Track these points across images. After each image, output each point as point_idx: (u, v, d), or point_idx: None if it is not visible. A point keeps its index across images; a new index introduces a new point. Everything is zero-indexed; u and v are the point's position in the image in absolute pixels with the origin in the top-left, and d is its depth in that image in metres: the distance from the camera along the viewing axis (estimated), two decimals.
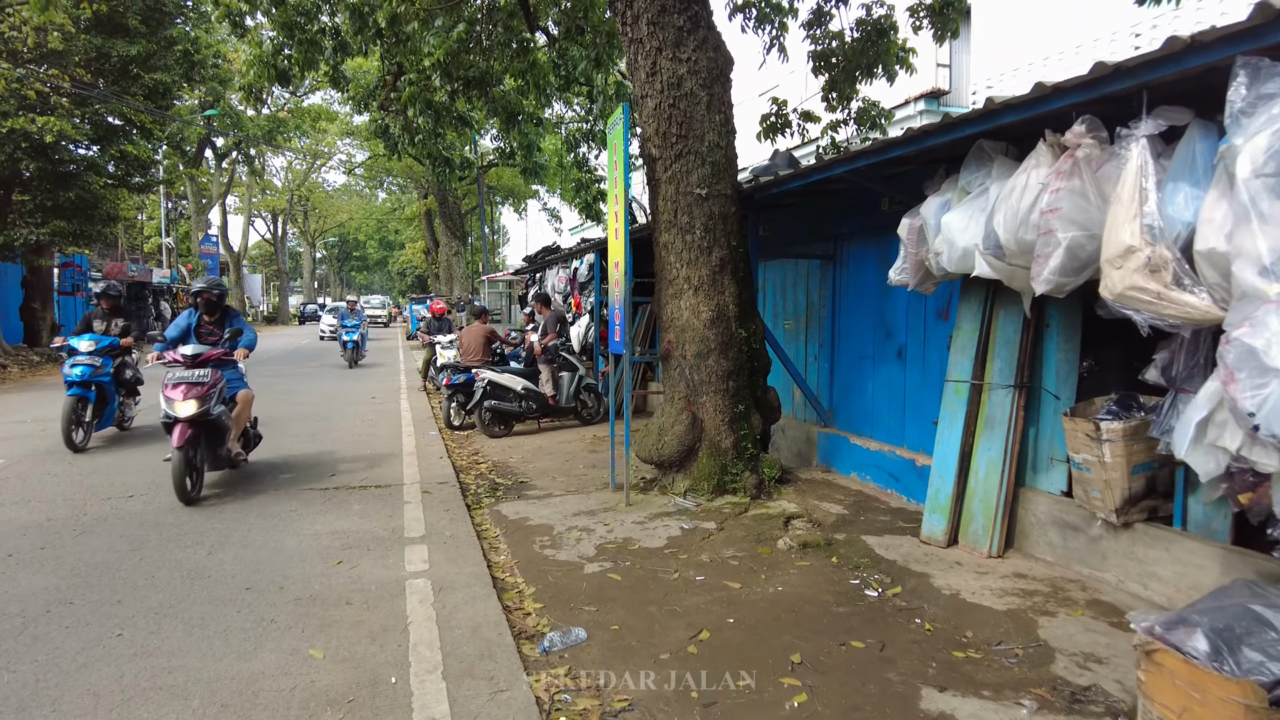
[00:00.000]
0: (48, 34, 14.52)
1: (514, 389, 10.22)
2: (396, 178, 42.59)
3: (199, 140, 37.43)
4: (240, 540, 5.41)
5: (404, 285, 73.91)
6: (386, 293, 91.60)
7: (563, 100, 14.89)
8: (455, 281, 34.38)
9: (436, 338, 14.18)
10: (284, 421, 10.83)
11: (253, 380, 16.56)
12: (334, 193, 64.94)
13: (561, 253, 14.67)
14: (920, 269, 5.10)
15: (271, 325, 54.70)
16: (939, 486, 5.29)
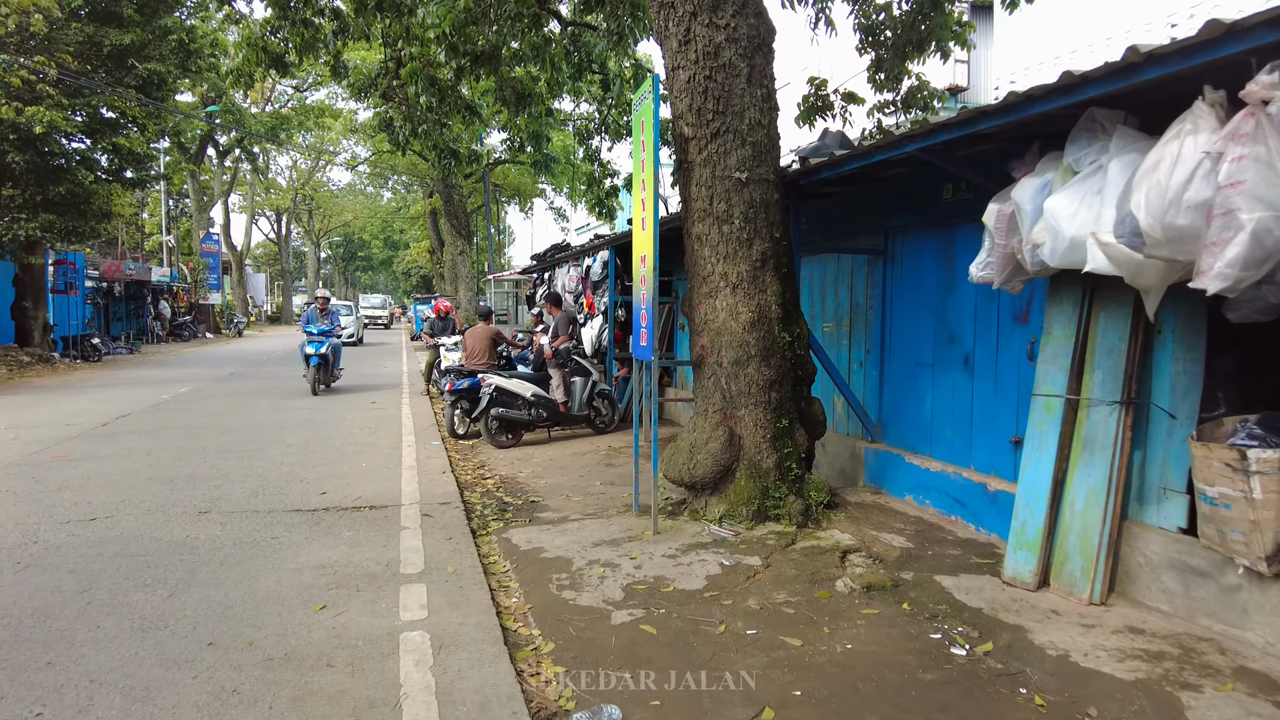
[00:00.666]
0: (30, 18, 13.81)
1: (522, 395, 9.46)
2: (401, 175, 41.88)
3: (201, 137, 36.81)
4: (209, 578, 4.64)
5: (409, 285, 73.43)
6: (391, 292, 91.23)
7: (573, 92, 14.13)
8: (460, 281, 33.64)
9: (440, 339, 13.43)
10: (277, 429, 10.09)
11: (252, 384, 15.89)
12: (339, 192, 64.40)
13: (572, 250, 13.91)
14: (1009, 263, 4.32)
15: (275, 325, 54.08)
16: (1026, 519, 4.50)
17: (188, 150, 37.00)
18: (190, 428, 10.21)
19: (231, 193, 45.91)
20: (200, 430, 10.03)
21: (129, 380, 16.37)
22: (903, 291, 6.40)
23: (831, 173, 5.62)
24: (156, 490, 6.78)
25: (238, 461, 8.07)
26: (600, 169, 13.87)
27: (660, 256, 11.23)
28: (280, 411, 11.93)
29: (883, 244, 6.59)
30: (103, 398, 13.23)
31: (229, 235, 45.48)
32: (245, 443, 9.15)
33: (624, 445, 9.38)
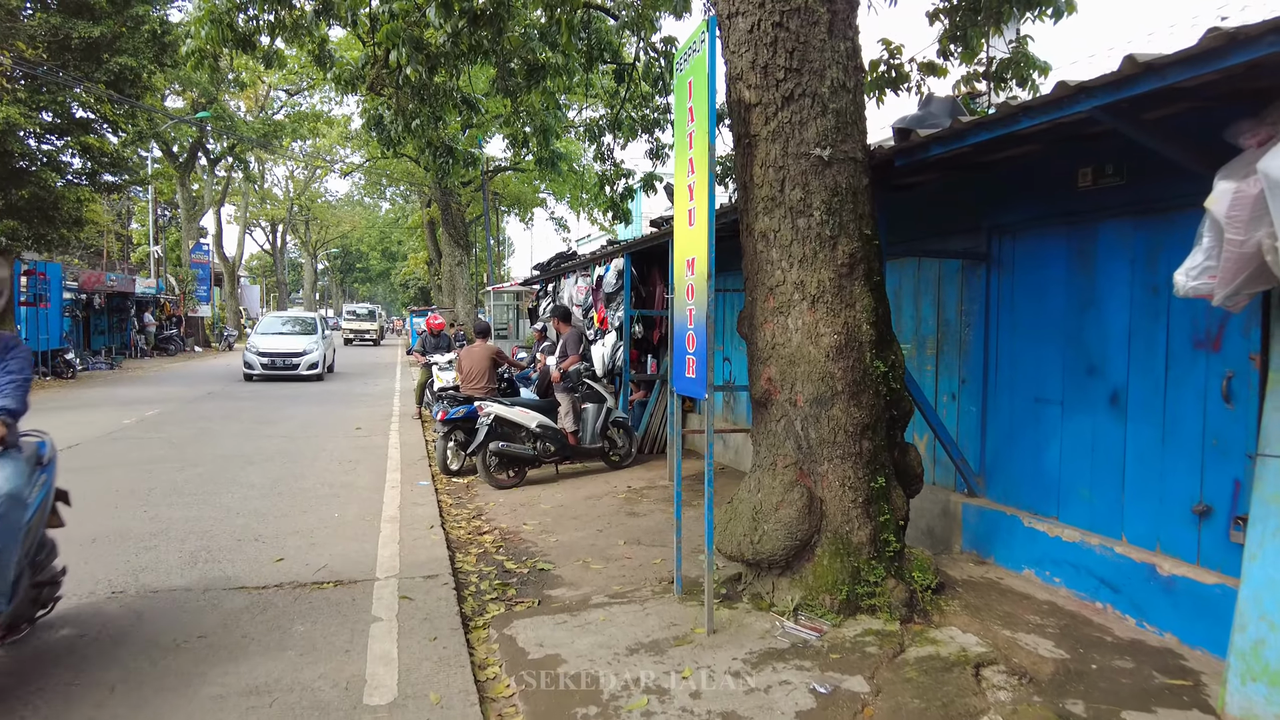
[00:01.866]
0: None
1: (526, 426, 8.09)
2: (398, 182, 40.63)
3: (191, 144, 35.57)
4: None
5: (406, 297, 72.19)
6: (389, 304, 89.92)
7: (583, 84, 12.85)
8: (458, 293, 32.32)
9: (433, 357, 12.06)
10: (244, 463, 8.71)
11: (228, 405, 14.51)
12: (336, 203, 63.29)
13: (581, 259, 12.57)
14: (1245, 267, 2.97)
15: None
16: (1264, 634, 3.13)
17: (177, 158, 35.76)
18: (142, 462, 8.83)
19: (225, 203, 44.61)
20: (154, 466, 8.65)
21: (95, 400, 14.99)
22: (1015, 306, 5.05)
23: (945, 149, 4.26)
24: (67, 556, 5.39)
25: (185, 510, 6.69)
26: (613, 169, 12.59)
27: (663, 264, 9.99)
28: (253, 439, 10.55)
29: (985, 246, 5.24)
30: (56, 424, 11.82)
31: (221, 246, 44.18)
32: (202, 483, 7.78)
33: (645, 485, 8.01)
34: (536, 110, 10.88)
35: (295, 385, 18.52)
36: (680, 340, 4.53)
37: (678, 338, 4.59)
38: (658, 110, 12.19)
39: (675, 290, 4.64)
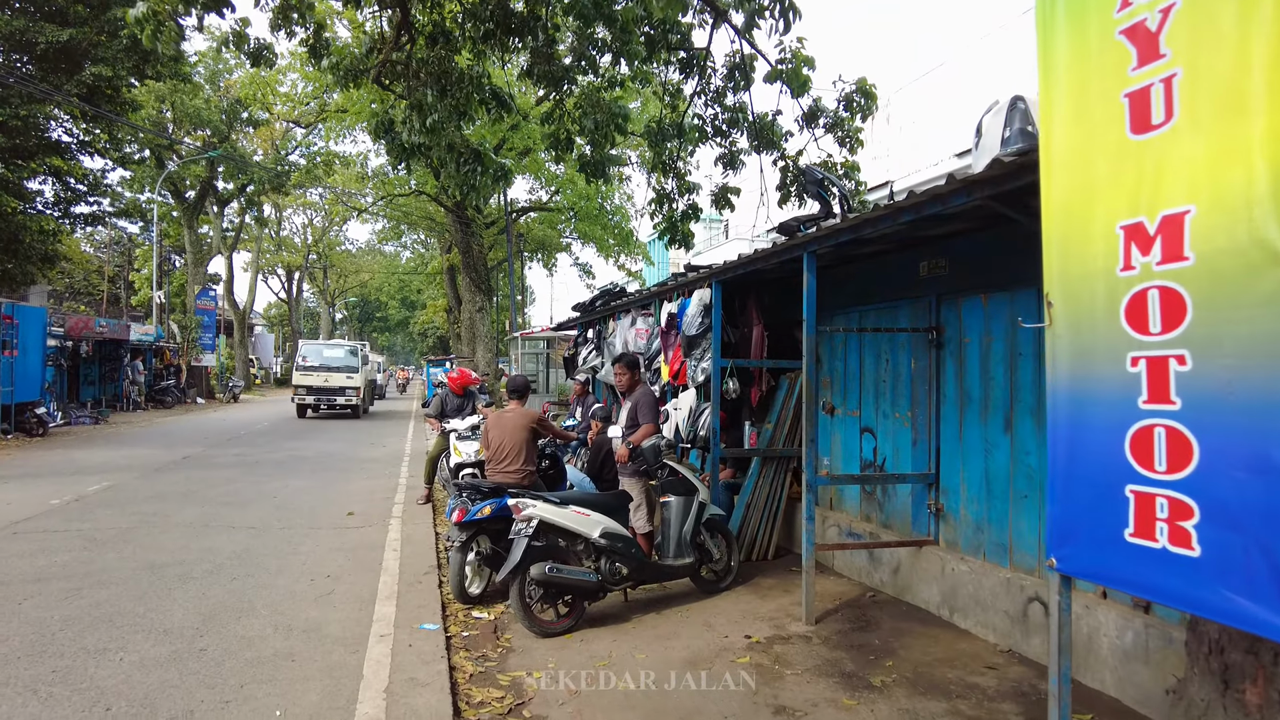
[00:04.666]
0: None
1: (586, 536, 5.33)
2: (417, 226, 38.56)
3: (200, 184, 33.76)
4: None
5: (424, 346, 70.24)
6: (408, 354, 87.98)
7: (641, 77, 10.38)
8: (479, 341, 29.80)
9: (451, 423, 9.33)
10: (176, 580, 5.97)
11: (199, 475, 11.82)
12: (356, 252, 61.75)
13: (639, 295, 9.91)
14: None
15: (283, 387, 50.43)
16: None
17: (185, 198, 33.94)
18: (26, 579, 6.13)
19: (237, 248, 42.79)
20: (39, 586, 5.95)
21: (42, 467, 12.40)
22: None
23: None
24: None
25: (27, 698, 3.95)
26: (677, 183, 10.02)
27: (766, 297, 7.30)
28: (207, 532, 7.85)
29: None
30: None
31: (232, 292, 42.23)
32: (89, 627, 5.06)
33: (772, 632, 5.19)
34: (591, 96, 8.35)
35: (293, 446, 15.84)
36: None
37: None
38: (731, 110, 9.70)
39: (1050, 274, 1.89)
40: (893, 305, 6.26)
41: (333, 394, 22.97)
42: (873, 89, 9.00)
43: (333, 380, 23.00)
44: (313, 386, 22.90)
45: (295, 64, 27.24)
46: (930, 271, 5.80)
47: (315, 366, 23.21)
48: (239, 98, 29.59)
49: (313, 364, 23.27)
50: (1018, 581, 4.82)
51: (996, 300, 5.22)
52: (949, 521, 5.61)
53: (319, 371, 23.03)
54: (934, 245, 5.71)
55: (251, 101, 28.36)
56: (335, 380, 23.01)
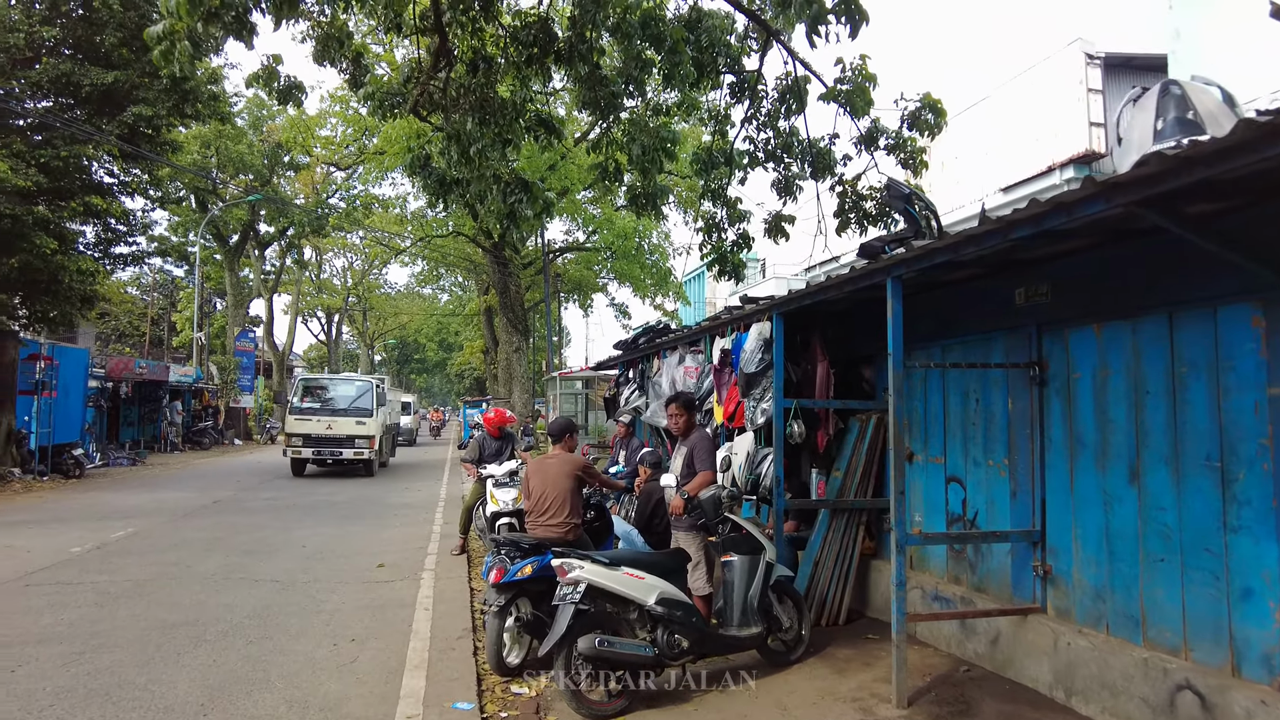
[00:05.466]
0: None
1: (641, 603, 4.65)
2: (456, 268, 38.66)
3: (241, 227, 34.19)
4: None
5: (461, 388, 70.37)
6: (445, 396, 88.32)
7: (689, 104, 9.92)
8: (515, 381, 29.44)
9: (489, 468, 8.74)
10: (189, 642, 5.40)
11: (227, 521, 11.31)
12: (395, 295, 62.35)
13: (688, 330, 9.30)
14: None
15: None
16: None
17: (227, 241, 34.37)
18: (30, 639, 5.61)
19: (277, 290, 43.24)
20: (40, 649, 5.43)
21: (71, 511, 12.04)
22: None
23: None
24: None
25: None
26: (727, 211, 9.47)
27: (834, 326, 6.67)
28: (228, 585, 7.31)
29: None
30: None
31: (272, 334, 42.56)
32: (91, 695, 4.51)
33: (860, 719, 4.43)
34: (638, 121, 7.87)
35: (326, 492, 15.37)
36: None
37: None
38: (784, 135, 9.17)
39: None
40: (983, 338, 5.56)
41: (338, 445, 17.59)
42: (940, 105, 8.41)
43: (339, 426, 17.67)
44: (311, 435, 17.47)
45: (334, 106, 27.56)
46: (1028, 299, 5.11)
47: (315, 408, 17.96)
48: (280, 141, 29.99)
49: (311, 405, 18.05)
50: (1159, 663, 4.04)
51: (1114, 330, 4.52)
52: (1059, 586, 4.83)
53: (320, 415, 17.74)
54: (1031, 269, 5.04)
55: (292, 145, 28.71)
56: (342, 426, 17.70)
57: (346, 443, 17.65)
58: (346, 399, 18.29)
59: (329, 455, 17.55)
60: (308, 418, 17.68)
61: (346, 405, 18.08)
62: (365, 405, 18.13)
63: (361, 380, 19.12)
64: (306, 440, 17.45)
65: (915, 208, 4.71)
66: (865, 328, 6.88)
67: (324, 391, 18.68)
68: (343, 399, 18.29)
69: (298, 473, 17.92)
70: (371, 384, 18.80)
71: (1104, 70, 16.94)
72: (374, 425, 18.03)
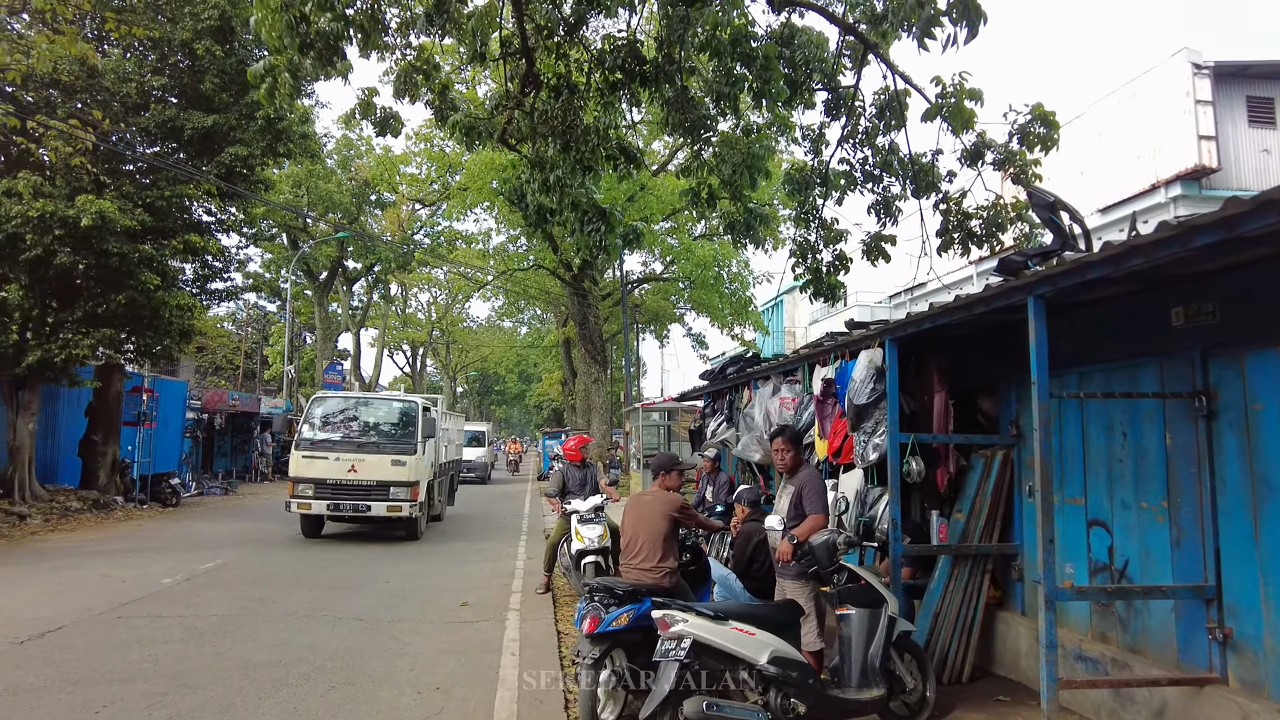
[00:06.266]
0: (58, 67, 10.80)
1: (752, 662, 4.18)
2: (535, 301, 39.09)
3: (330, 263, 35.34)
4: None
5: (540, 419, 70.99)
6: (523, 427, 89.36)
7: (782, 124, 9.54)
8: (594, 413, 29.33)
9: (573, 503, 8.41)
10: (271, 684, 5.17)
11: (311, 553, 11.34)
12: (477, 328, 63.68)
13: (779, 360, 8.83)
14: None
15: None
16: None
17: (316, 277, 35.57)
18: (110, 679, 5.49)
19: (364, 324, 44.57)
20: (122, 687, 5.29)
21: (165, 540, 12.25)
22: None
23: None
24: None
25: None
26: (823, 232, 9.00)
27: (957, 354, 6.12)
28: (310, 624, 7.14)
29: None
30: (81, 578, 8.90)
31: (359, 367, 43.76)
32: None
33: None
34: (730, 141, 7.51)
35: None
36: None
37: None
38: (883, 152, 8.69)
39: None
40: (1130, 365, 4.93)
41: (364, 495, 12.08)
42: (1053, 117, 7.78)
43: (366, 469, 12.15)
44: (327, 480, 12.01)
45: (419, 145, 28.32)
46: (1189, 319, 4.48)
47: (334, 440, 12.53)
48: (368, 179, 30.96)
49: (329, 436, 12.63)
50: None
51: None
52: (1244, 654, 4.13)
53: (340, 451, 12.28)
54: (1191, 285, 4.41)
55: (379, 183, 29.58)
56: (371, 468, 12.18)
57: (377, 492, 12.03)
58: (379, 428, 13.01)
59: (350, 508, 12.00)
60: (322, 454, 12.15)
61: (379, 438, 12.73)
62: (406, 437, 12.62)
63: (403, 400, 13.73)
64: (319, 488, 11.92)
65: (1061, 217, 4.17)
66: (983, 354, 6.30)
67: (348, 415, 13.08)
68: (374, 428, 12.98)
69: (310, 533, 12.77)
70: (417, 406, 13.15)
71: (1214, 80, 15.87)
72: (417, 466, 12.36)
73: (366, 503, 12.08)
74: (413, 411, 13.13)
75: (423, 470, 12.74)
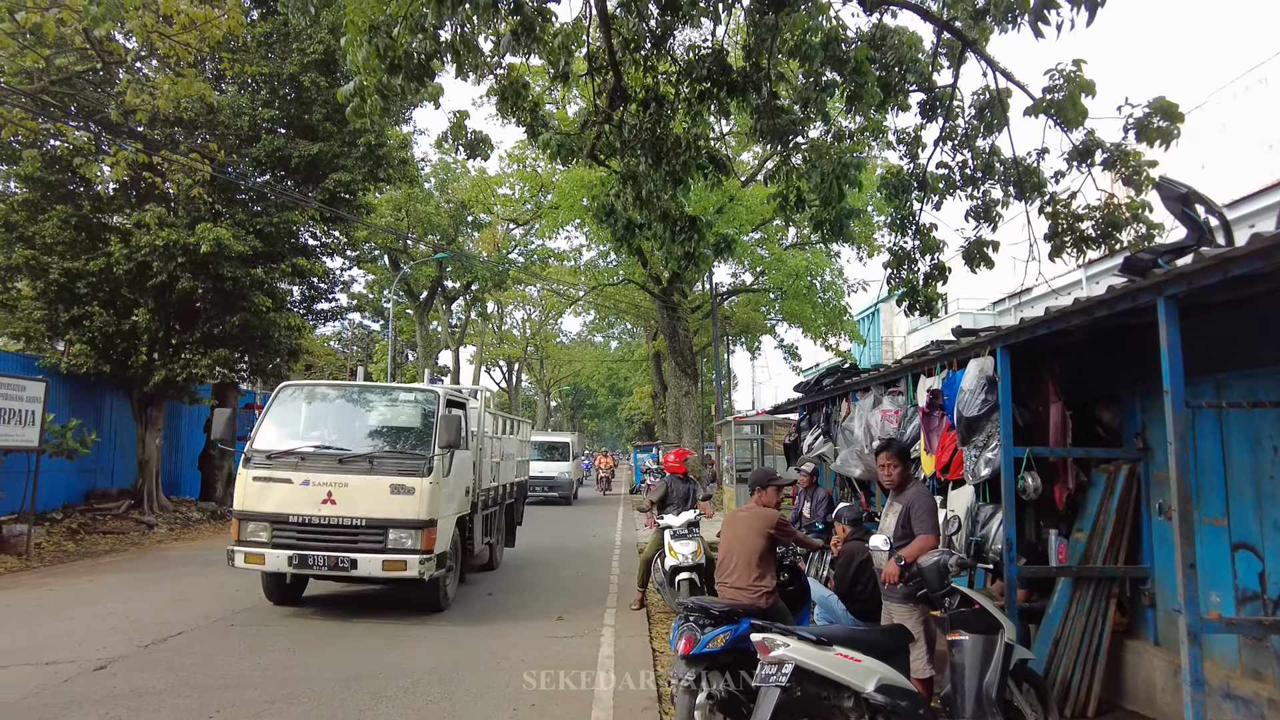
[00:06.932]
0: (181, 105, 11.54)
1: (857, 689, 3.95)
2: (625, 316, 39.35)
3: (430, 283, 36.51)
4: None
5: (631, 432, 71.40)
6: (614, 440, 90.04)
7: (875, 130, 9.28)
8: (684, 426, 29.15)
9: (666, 518, 8.30)
10: (375, 694, 5.26)
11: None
12: (570, 344, 64.71)
13: (879, 370, 8.52)
14: None
15: None
16: None
17: (417, 297, 36.82)
18: (228, 684, 5.70)
19: (463, 342, 45.88)
20: (237, 694, 5.48)
21: None
22: None
23: None
24: None
25: None
26: (920, 240, 8.65)
27: (1072, 363, 5.73)
28: (408, 635, 7.27)
29: None
30: (198, 587, 9.35)
31: (458, 383, 45.01)
32: None
33: None
34: (820, 148, 7.31)
35: (533, 513, 15.58)
36: None
37: None
38: (983, 155, 8.30)
39: None
40: (1274, 371, 4.48)
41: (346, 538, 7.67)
42: (1176, 109, 7.23)
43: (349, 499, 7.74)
44: (289, 518, 7.71)
45: (511, 166, 29.00)
46: None
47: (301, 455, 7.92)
48: (464, 201, 31.91)
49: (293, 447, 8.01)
50: None
51: None
52: None
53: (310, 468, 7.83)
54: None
55: (475, 205, 30.44)
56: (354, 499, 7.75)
57: (367, 536, 7.67)
58: (376, 434, 8.47)
59: (324, 562, 7.60)
60: (283, 475, 7.81)
61: (373, 449, 8.14)
62: (417, 449, 8.13)
63: (415, 392, 9.05)
64: (279, 528, 7.73)
65: (1195, 210, 3.82)
66: (1102, 361, 5.88)
67: (327, 414, 8.66)
68: (368, 435, 8.42)
69: (281, 599, 8.47)
70: (437, 399, 8.45)
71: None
72: (434, 495, 7.88)
73: (349, 553, 7.50)
74: (429, 407, 8.30)
75: (444, 500, 8.07)
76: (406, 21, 5.95)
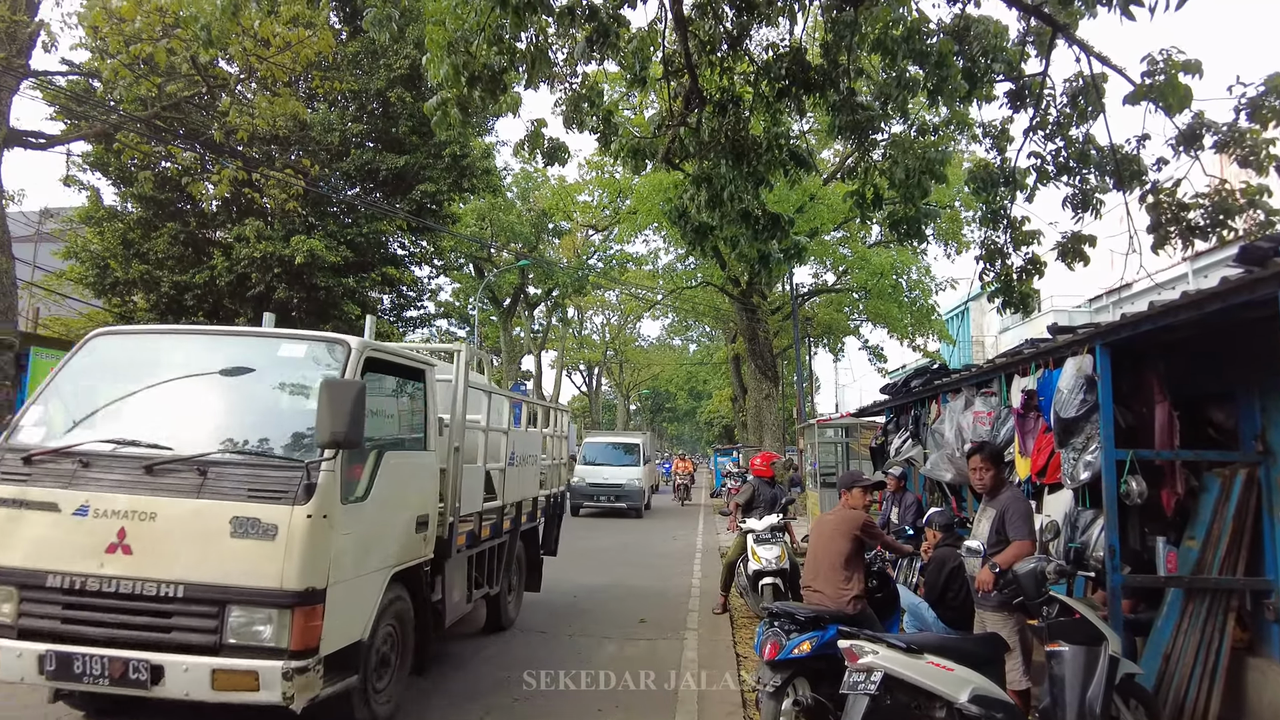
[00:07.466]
0: (277, 123, 12.14)
1: (949, 699, 3.83)
2: (704, 318, 39.26)
3: (513, 291, 37.29)
4: None
5: (711, 436, 71.14)
6: (693, 443, 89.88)
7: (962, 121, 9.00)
8: (765, 429, 28.81)
9: (749, 522, 8.23)
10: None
11: None
12: (649, 348, 65.07)
13: (970, 371, 8.24)
14: None
15: None
16: None
17: (501, 304, 37.65)
18: None
19: (545, 347, 46.72)
20: None
21: None
22: None
23: None
24: None
25: None
26: (1012, 234, 8.34)
27: (1180, 359, 5.42)
28: (495, 632, 7.42)
29: None
30: None
31: (540, 387, 45.80)
32: None
33: None
34: (900, 143, 7.13)
35: (585, 537, 15.70)
36: None
37: None
38: (1078, 144, 7.93)
39: None
40: None
41: (145, 629, 3.91)
42: None
43: (153, 548, 3.97)
44: (48, 579, 3.97)
45: (590, 173, 29.33)
46: None
47: (86, 459, 4.18)
48: (545, 209, 32.49)
49: (71, 445, 4.23)
50: None
51: None
52: None
53: (93, 482, 4.12)
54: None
55: (555, 212, 30.94)
56: (160, 546, 3.97)
57: (183, 618, 3.95)
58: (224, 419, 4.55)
59: (105, 667, 3.82)
60: (44, 495, 4.11)
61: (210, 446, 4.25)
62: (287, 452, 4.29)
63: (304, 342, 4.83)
64: (29, 599, 4.03)
65: None
66: (1212, 359, 5.53)
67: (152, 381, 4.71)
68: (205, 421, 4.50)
69: None
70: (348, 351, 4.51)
71: None
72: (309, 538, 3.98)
73: (151, 650, 3.91)
74: (329, 372, 4.45)
75: (353, 548, 4.41)
76: (485, 34, 6.11)
